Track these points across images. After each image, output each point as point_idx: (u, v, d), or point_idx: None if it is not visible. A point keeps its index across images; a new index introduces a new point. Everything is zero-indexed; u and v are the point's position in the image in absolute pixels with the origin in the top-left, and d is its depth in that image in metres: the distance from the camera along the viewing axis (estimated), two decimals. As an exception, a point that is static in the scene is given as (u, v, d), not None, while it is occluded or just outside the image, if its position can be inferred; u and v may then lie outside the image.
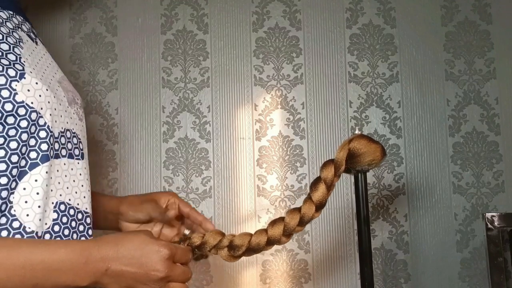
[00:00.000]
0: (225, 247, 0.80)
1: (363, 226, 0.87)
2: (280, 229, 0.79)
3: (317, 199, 0.79)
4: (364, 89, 1.38)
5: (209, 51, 1.40)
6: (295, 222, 0.79)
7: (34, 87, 0.68)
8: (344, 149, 0.81)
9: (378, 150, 0.82)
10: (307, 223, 0.81)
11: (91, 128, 1.38)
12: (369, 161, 0.82)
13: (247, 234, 0.81)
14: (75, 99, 0.81)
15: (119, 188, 1.36)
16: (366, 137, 0.83)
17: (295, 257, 1.33)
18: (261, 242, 0.79)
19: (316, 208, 0.80)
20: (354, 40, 1.39)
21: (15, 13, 0.77)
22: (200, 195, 1.35)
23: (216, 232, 0.81)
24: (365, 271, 0.87)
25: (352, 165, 0.83)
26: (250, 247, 0.80)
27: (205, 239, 0.80)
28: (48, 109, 0.70)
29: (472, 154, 1.35)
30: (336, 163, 0.81)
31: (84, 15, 1.42)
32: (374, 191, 1.35)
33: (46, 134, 0.70)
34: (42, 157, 0.69)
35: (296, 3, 1.40)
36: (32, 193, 0.68)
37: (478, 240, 1.32)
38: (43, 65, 0.76)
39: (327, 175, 0.80)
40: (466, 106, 1.37)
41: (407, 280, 1.32)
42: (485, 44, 1.38)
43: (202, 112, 1.38)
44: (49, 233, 0.70)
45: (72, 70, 1.41)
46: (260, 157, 1.36)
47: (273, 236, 0.79)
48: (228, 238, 0.80)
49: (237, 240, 0.79)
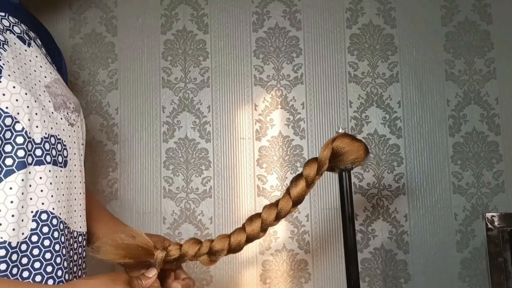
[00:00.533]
0: (204, 254, 0.79)
1: (348, 224, 0.88)
2: (258, 225, 0.80)
3: (295, 195, 0.80)
4: (364, 89, 1.38)
5: (209, 51, 1.40)
6: (272, 218, 0.80)
7: (11, 91, 0.66)
8: (328, 148, 0.82)
9: (361, 149, 0.82)
10: (283, 217, 0.81)
11: (91, 128, 1.38)
12: (353, 159, 0.83)
13: (224, 236, 0.79)
14: (66, 104, 0.78)
15: (119, 188, 1.36)
16: (349, 136, 0.83)
17: (295, 257, 1.33)
18: (241, 241, 0.79)
19: (293, 203, 0.80)
20: (354, 40, 1.39)
21: (8, 15, 0.75)
22: (200, 195, 1.35)
23: (193, 242, 0.79)
24: (351, 269, 0.87)
25: (336, 164, 0.84)
26: (231, 249, 0.79)
27: (183, 250, 0.78)
28: (26, 114, 0.67)
29: (472, 154, 1.35)
30: (319, 161, 0.81)
31: (84, 15, 1.42)
32: (374, 191, 1.35)
33: (23, 140, 0.67)
34: (18, 164, 0.66)
35: (296, 3, 1.40)
36: (6, 202, 0.65)
37: (478, 240, 1.32)
38: (28, 69, 0.72)
39: (309, 173, 0.81)
40: (466, 106, 1.37)
41: (407, 280, 1.32)
42: (485, 44, 1.38)
43: (202, 112, 1.38)
44: (25, 244, 0.67)
45: (72, 70, 1.41)
46: (260, 157, 1.36)
47: (252, 234, 0.80)
48: (206, 245, 0.78)
49: (216, 245, 0.78)
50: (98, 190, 1.36)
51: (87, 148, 1.38)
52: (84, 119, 0.89)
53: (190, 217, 1.34)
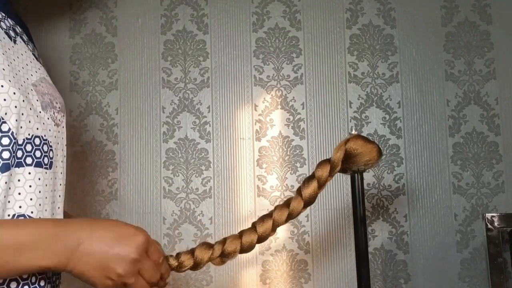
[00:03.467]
0: (217, 257, 0.78)
1: (360, 226, 0.88)
2: (269, 225, 0.80)
3: (307, 196, 0.80)
4: (364, 90, 1.38)
5: (209, 52, 1.40)
6: (284, 218, 0.80)
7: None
8: (341, 150, 0.82)
9: (374, 151, 0.82)
10: (294, 218, 0.81)
11: (91, 128, 1.38)
12: (366, 161, 0.82)
13: (236, 237, 0.79)
14: (52, 103, 0.74)
15: (119, 188, 1.36)
16: (362, 137, 0.83)
17: (295, 257, 1.33)
18: (253, 241, 0.79)
19: (305, 204, 0.80)
20: (354, 41, 1.39)
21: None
22: (200, 196, 1.35)
23: (205, 247, 0.78)
24: (362, 271, 0.87)
25: (349, 166, 0.83)
26: (243, 249, 0.79)
27: (197, 258, 0.76)
28: (13, 114, 0.64)
29: (472, 155, 1.35)
30: (332, 163, 0.81)
31: (84, 16, 1.42)
32: (374, 191, 1.35)
33: (9, 141, 0.64)
34: (3, 166, 0.63)
35: (296, 4, 1.40)
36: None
37: (478, 241, 1.32)
38: (17, 66, 0.69)
39: (322, 174, 0.80)
40: (466, 107, 1.37)
41: (407, 281, 1.32)
42: (485, 44, 1.38)
43: (202, 112, 1.38)
44: None
45: (72, 71, 1.41)
46: (260, 158, 1.36)
47: (263, 234, 0.79)
48: (218, 249, 0.77)
49: (229, 247, 0.78)
50: (98, 190, 1.36)
51: (87, 148, 1.39)
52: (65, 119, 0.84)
53: (190, 217, 1.34)
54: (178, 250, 1.33)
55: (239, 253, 0.79)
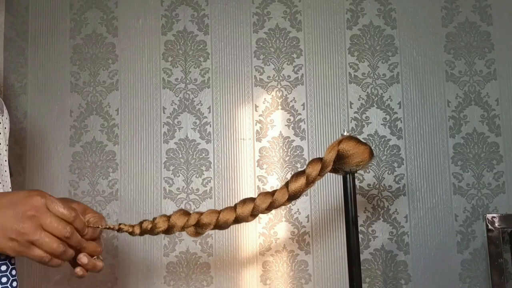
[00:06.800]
0: (191, 226, 0.80)
1: (351, 226, 0.88)
2: (249, 209, 0.81)
3: (293, 190, 0.80)
4: (364, 90, 1.38)
5: (209, 52, 1.40)
6: (265, 206, 0.80)
7: None
8: (333, 150, 0.83)
9: (366, 152, 0.83)
10: (276, 208, 0.82)
11: (91, 129, 1.38)
12: (357, 162, 0.84)
13: (214, 211, 0.81)
14: None
15: (120, 188, 1.36)
16: (355, 138, 0.84)
17: (295, 258, 1.33)
18: (229, 220, 0.81)
19: (289, 197, 0.81)
20: (354, 41, 1.39)
21: None
22: (201, 196, 1.35)
23: (181, 213, 0.80)
24: (354, 271, 0.87)
25: (341, 166, 0.85)
26: (218, 225, 0.80)
27: (172, 222, 0.78)
28: None
29: (472, 155, 1.35)
30: (324, 162, 0.82)
31: (85, 16, 1.42)
32: (374, 192, 1.34)
33: None
34: None
35: (296, 4, 1.40)
36: None
37: (478, 241, 1.32)
38: None
39: (311, 172, 0.82)
40: (466, 107, 1.37)
41: (408, 281, 1.32)
42: (486, 45, 1.38)
43: (203, 113, 1.38)
44: None
45: (72, 71, 1.41)
46: (260, 158, 1.36)
47: (241, 215, 0.81)
48: (194, 217, 0.80)
49: (205, 218, 0.80)
50: (99, 191, 1.36)
51: (88, 148, 1.39)
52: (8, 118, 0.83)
53: (190, 217, 1.34)
54: (180, 251, 1.33)
55: (214, 228, 0.80)
